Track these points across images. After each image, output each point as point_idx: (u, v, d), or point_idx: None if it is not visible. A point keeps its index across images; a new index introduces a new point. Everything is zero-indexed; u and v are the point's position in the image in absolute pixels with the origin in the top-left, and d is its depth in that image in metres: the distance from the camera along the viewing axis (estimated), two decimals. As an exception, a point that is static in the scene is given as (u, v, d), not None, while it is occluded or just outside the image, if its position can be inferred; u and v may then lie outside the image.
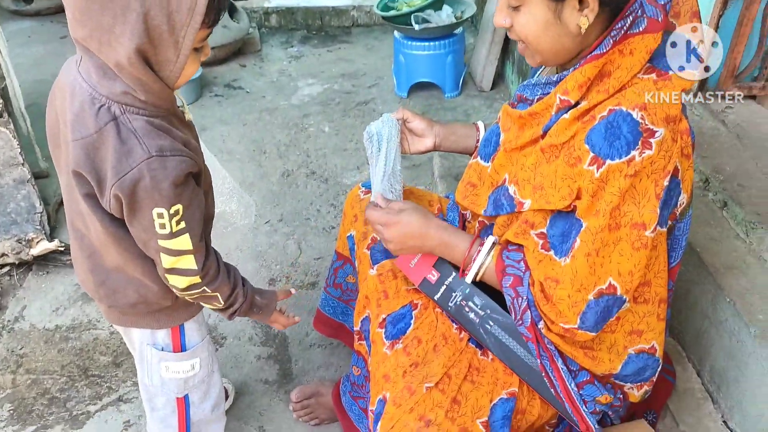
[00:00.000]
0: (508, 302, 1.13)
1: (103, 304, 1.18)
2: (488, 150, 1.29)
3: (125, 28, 0.87)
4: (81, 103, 0.94)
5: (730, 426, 1.38)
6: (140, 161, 0.93)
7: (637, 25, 1.01)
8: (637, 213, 1.00)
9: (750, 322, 1.32)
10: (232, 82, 3.68)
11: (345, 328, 1.75)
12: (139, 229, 1.00)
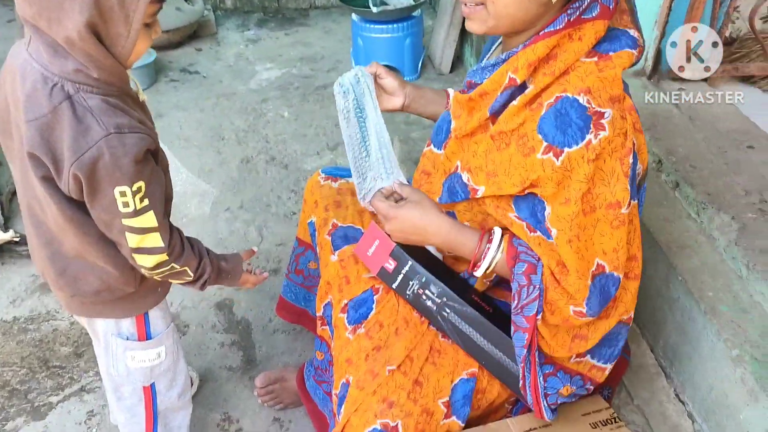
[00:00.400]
0: (514, 289, 1.10)
1: (65, 294, 1.15)
2: (440, 137, 1.28)
3: (74, 4, 0.85)
4: (33, 83, 0.92)
5: (682, 399, 1.43)
6: (99, 139, 0.90)
7: (590, 10, 1.02)
8: (610, 193, 1.01)
9: (700, 299, 1.37)
10: (188, 66, 3.60)
11: (307, 313, 1.75)
12: (101, 209, 0.98)
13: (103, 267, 1.09)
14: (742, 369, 1.22)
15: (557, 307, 1.07)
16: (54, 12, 0.86)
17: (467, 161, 1.16)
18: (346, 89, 1.31)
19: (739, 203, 1.55)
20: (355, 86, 1.31)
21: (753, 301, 1.35)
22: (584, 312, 1.06)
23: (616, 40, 1.05)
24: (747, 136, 1.83)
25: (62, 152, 0.92)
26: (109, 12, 0.88)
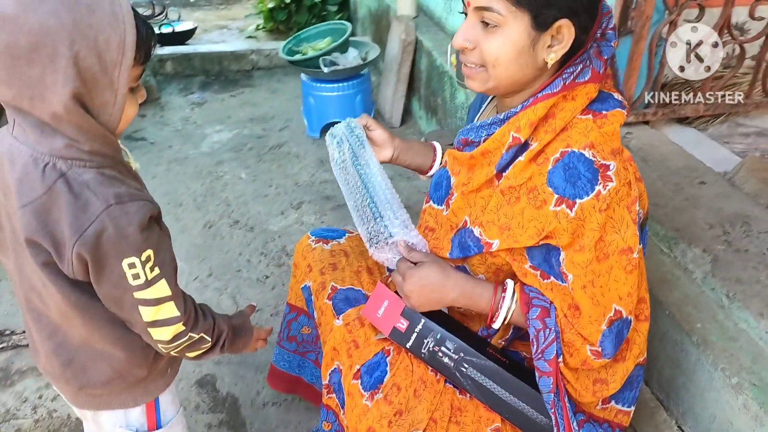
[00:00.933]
0: (532, 335, 1.13)
1: (71, 387, 1.08)
2: (440, 194, 1.32)
3: (56, 77, 0.83)
4: (23, 166, 0.88)
5: (684, 430, 1.49)
6: (99, 212, 0.87)
7: (583, 75, 1.09)
8: (621, 240, 1.07)
9: (690, 331, 1.44)
10: (133, 133, 3.54)
11: (302, 381, 1.72)
12: (109, 286, 0.93)
13: (112, 352, 1.04)
14: (744, 396, 1.28)
15: (575, 348, 1.12)
16: (36, 89, 0.83)
17: (476, 216, 1.20)
18: (340, 140, 1.33)
19: (706, 236, 1.65)
20: (349, 136, 1.33)
21: (738, 328, 1.44)
22: (600, 352, 1.10)
23: (604, 101, 1.13)
24: (697, 173, 1.96)
25: (62, 233, 0.88)
26: (92, 80, 0.85)
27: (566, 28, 1.04)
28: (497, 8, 1.04)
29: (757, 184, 1.88)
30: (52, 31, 0.80)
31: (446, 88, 2.90)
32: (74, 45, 0.82)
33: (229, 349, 1.18)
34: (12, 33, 0.80)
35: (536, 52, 1.07)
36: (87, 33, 0.82)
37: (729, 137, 2.28)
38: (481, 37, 1.09)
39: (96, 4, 0.83)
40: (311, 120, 3.42)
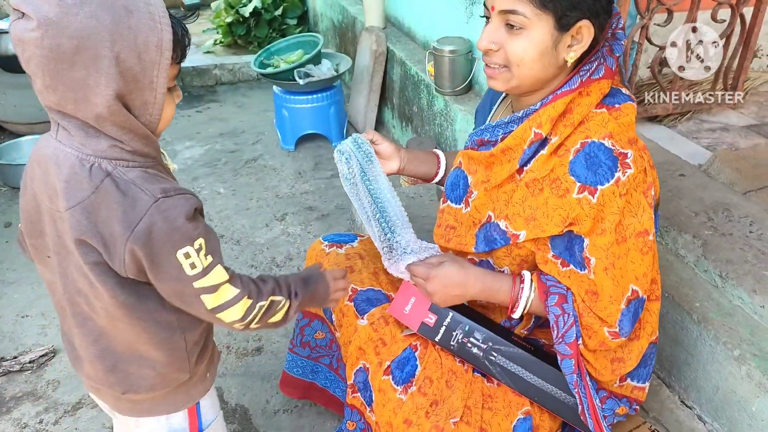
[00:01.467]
0: (552, 321, 1.20)
1: (114, 392, 1.08)
2: (457, 193, 1.38)
3: (99, 78, 0.85)
4: (70, 167, 0.90)
5: (688, 404, 1.58)
6: (148, 206, 0.89)
7: (598, 72, 1.17)
8: (638, 223, 1.15)
9: (691, 310, 1.54)
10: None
11: (316, 386, 1.74)
12: (170, 280, 0.94)
13: (157, 355, 1.05)
14: (747, 366, 1.38)
15: (593, 330, 1.19)
16: (80, 91, 0.85)
17: (500, 210, 1.26)
18: (348, 156, 1.37)
19: (693, 223, 1.77)
20: (357, 152, 1.37)
21: (733, 305, 1.54)
22: (618, 332, 1.18)
23: (615, 95, 1.21)
24: (675, 166, 2.09)
25: (112, 231, 0.89)
26: (133, 80, 0.88)
27: (586, 29, 1.12)
28: (523, 11, 1.10)
29: (731, 173, 2.02)
30: (94, 33, 0.82)
31: (423, 96, 2.98)
32: (115, 46, 0.84)
33: (307, 301, 1.16)
34: (55, 37, 0.81)
35: (558, 51, 1.14)
36: (126, 34, 0.85)
37: (697, 133, 2.43)
38: (505, 39, 1.15)
39: (133, 6, 0.86)
40: (285, 132, 3.44)
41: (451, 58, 2.63)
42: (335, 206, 2.89)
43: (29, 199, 0.98)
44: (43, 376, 2.01)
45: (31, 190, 0.97)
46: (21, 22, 0.83)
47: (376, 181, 1.35)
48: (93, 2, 0.83)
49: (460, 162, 1.40)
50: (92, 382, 1.10)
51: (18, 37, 0.83)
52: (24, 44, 0.83)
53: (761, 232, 1.70)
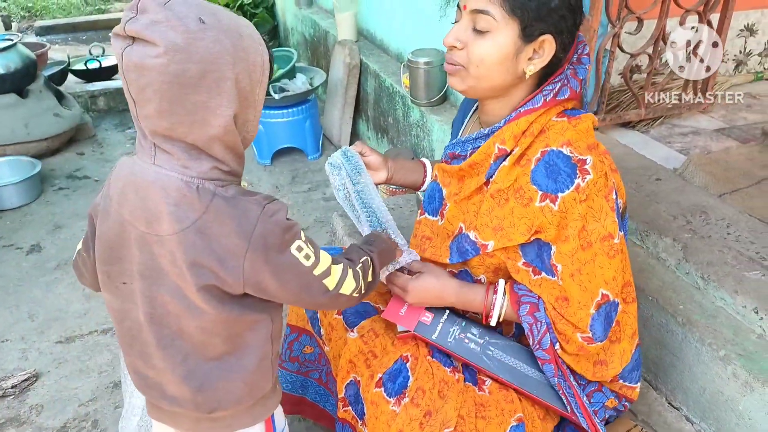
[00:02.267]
0: (526, 329, 1.22)
1: (200, 413, 1.07)
2: (434, 205, 1.40)
3: (221, 99, 0.87)
4: (177, 190, 0.90)
5: (675, 406, 1.60)
6: (259, 214, 0.92)
7: (562, 93, 1.20)
8: (602, 227, 1.17)
9: (675, 312, 1.56)
10: (74, 172, 3.42)
11: (306, 400, 1.72)
12: (294, 279, 0.98)
13: (248, 365, 1.05)
14: (732, 366, 1.41)
15: (567, 336, 1.21)
16: (198, 114, 0.86)
17: (470, 221, 1.28)
18: (338, 166, 1.39)
19: (672, 227, 1.80)
20: (346, 163, 1.40)
21: (716, 307, 1.57)
22: (591, 337, 1.20)
23: (575, 110, 1.25)
24: (651, 171, 2.12)
25: (228, 245, 0.91)
26: (245, 100, 0.91)
27: (548, 44, 1.16)
28: (493, 13, 1.14)
29: (705, 177, 2.06)
30: (219, 57, 0.85)
31: (398, 108, 2.99)
32: (235, 68, 0.87)
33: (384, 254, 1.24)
34: (182, 62, 0.82)
35: (518, 61, 1.17)
36: (243, 56, 0.88)
37: (669, 137, 2.48)
38: (470, 39, 1.18)
39: (242, 29, 0.89)
40: (261, 147, 3.42)
41: (426, 69, 2.65)
42: (314, 219, 2.88)
43: (112, 225, 0.97)
44: (26, 401, 1.96)
45: (117, 216, 0.95)
46: (138, 48, 0.83)
47: (366, 192, 1.38)
48: (214, 27, 0.85)
49: (436, 175, 1.42)
50: (174, 406, 1.08)
51: (136, 63, 0.83)
52: (143, 70, 0.83)
53: (739, 234, 1.74)
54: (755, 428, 1.38)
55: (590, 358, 1.26)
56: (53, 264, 2.63)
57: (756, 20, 3.04)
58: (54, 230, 2.88)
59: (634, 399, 1.35)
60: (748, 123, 2.63)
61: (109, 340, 2.18)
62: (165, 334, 1.01)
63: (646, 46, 2.33)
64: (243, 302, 0.99)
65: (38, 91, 3.46)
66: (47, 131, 3.41)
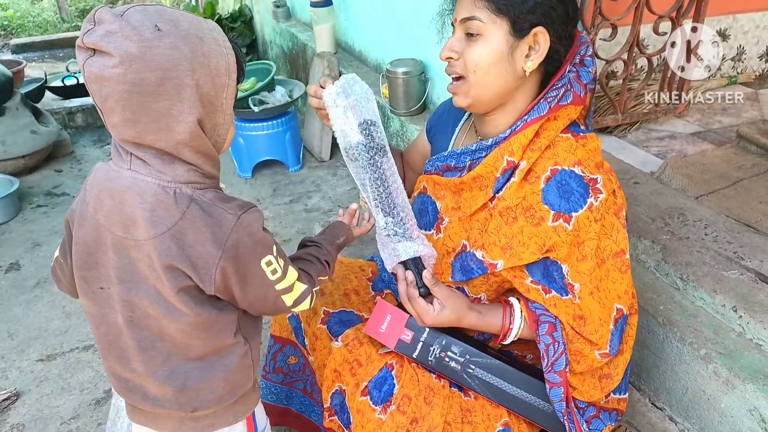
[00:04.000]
0: (542, 350, 1.20)
1: (181, 414, 1.07)
2: (427, 219, 1.39)
3: (183, 106, 0.87)
4: (154, 195, 0.91)
5: (659, 406, 1.61)
6: (233, 224, 0.93)
7: (566, 98, 1.20)
8: (614, 244, 1.18)
9: (655, 313, 1.58)
10: (52, 189, 3.38)
11: (291, 411, 1.70)
12: (254, 289, 0.99)
13: (230, 361, 1.06)
14: (714, 364, 1.42)
15: (583, 355, 1.20)
16: (162, 121, 0.87)
17: (475, 239, 1.27)
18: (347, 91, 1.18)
19: (650, 229, 1.82)
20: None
21: (696, 306, 1.59)
22: (608, 353, 1.20)
23: (576, 126, 1.25)
24: (629, 175, 2.15)
25: (202, 253, 0.92)
26: (210, 105, 0.90)
27: (542, 35, 1.15)
28: (479, 16, 1.14)
29: (682, 179, 2.09)
30: (176, 63, 0.85)
31: (378, 118, 3.00)
32: (195, 73, 0.87)
33: (341, 247, 1.33)
34: (139, 71, 0.83)
35: (514, 59, 1.17)
36: (202, 61, 0.88)
37: (646, 142, 2.52)
38: (464, 47, 1.18)
39: (202, 33, 0.89)
40: (241, 160, 3.41)
41: (405, 79, 2.66)
42: (296, 231, 2.87)
43: (89, 230, 0.98)
44: (6, 420, 1.92)
45: (93, 221, 0.96)
46: (98, 59, 0.83)
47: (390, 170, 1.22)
48: (171, 34, 0.85)
49: (425, 187, 1.41)
50: (156, 407, 1.08)
51: (96, 74, 0.84)
52: (103, 81, 0.84)
53: (716, 235, 1.76)
54: (737, 426, 1.39)
55: (595, 373, 1.26)
56: (32, 282, 2.59)
57: (728, 25, 3.10)
58: (33, 248, 2.84)
59: (623, 410, 1.35)
60: (723, 126, 2.67)
61: (90, 356, 2.15)
62: (145, 337, 1.01)
63: (620, 52, 2.37)
64: (219, 303, 1.00)
65: (15, 108, 3.42)
66: (25, 148, 3.37)
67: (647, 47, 2.65)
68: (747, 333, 1.48)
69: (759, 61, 3.32)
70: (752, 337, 1.47)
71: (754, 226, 1.83)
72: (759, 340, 1.45)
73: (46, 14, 7.74)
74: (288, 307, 1.08)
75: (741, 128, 2.46)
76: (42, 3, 8.28)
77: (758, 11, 3.15)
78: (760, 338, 1.45)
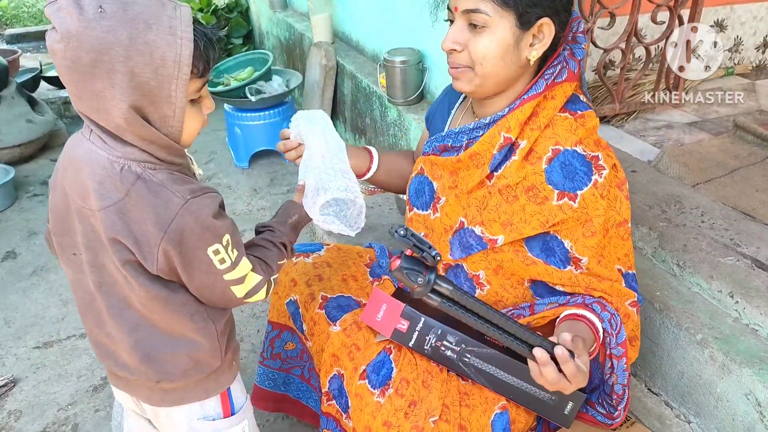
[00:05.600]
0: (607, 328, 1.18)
1: (149, 381, 1.08)
2: (423, 200, 1.39)
3: (114, 91, 0.86)
4: (102, 169, 0.91)
5: (654, 391, 1.62)
6: (179, 208, 0.92)
7: (561, 75, 1.20)
8: (617, 214, 1.21)
9: (652, 299, 1.58)
10: (48, 178, 3.33)
11: (288, 397, 1.71)
12: (201, 275, 0.98)
13: (194, 339, 1.07)
14: (710, 349, 1.43)
15: (626, 313, 1.23)
16: (100, 101, 0.87)
17: (473, 216, 1.27)
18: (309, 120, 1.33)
19: (647, 216, 1.82)
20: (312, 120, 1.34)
21: (692, 292, 1.60)
22: (635, 299, 1.24)
23: (575, 102, 1.25)
24: (626, 163, 2.16)
25: (146, 231, 0.92)
26: (150, 94, 0.89)
27: (547, 26, 1.15)
28: (485, 9, 1.13)
29: (679, 168, 2.10)
30: (109, 48, 0.84)
31: (375, 108, 3.00)
32: (129, 61, 0.85)
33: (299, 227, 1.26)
34: (76, 49, 0.83)
35: (520, 50, 1.17)
36: (142, 49, 0.85)
37: (643, 131, 2.52)
38: (468, 39, 1.17)
39: (154, 21, 0.86)
40: (238, 150, 3.40)
41: (403, 68, 2.66)
42: (294, 220, 2.87)
43: (59, 197, 0.99)
44: (4, 407, 1.92)
45: (62, 188, 0.98)
46: (51, 32, 0.86)
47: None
48: (114, 17, 0.84)
49: (422, 168, 1.41)
50: (126, 373, 1.09)
51: (49, 46, 0.86)
52: (54, 54, 0.86)
53: (713, 222, 1.77)
54: (733, 410, 1.40)
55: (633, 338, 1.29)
56: (29, 270, 2.59)
57: (725, 16, 3.11)
58: (29, 236, 2.84)
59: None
60: (720, 116, 2.68)
61: (87, 344, 2.15)
62: (113, 303, 1.03)
63: (618, 42, 2.37)
64: (169, 285, 1.00)
65: (10, 97, 3.41)
66: (20, 137, 3.36)
67: (645, 36, 2.65)
68: (743, 318, 1.49)
69: (756, 52, 3.33)
70: (748, 322, 1.48)
71: (751, 213, 1.84)
72: (755, 325, 1.46)
73: (41, 5, 7.68)
74: (239, 299, 1.06)
75: (738, 118, 2.47)
76: (37, -7, 8.23)
77: (755, 2, 3.15)
78: (756, 323, 1.46)
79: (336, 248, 1.67)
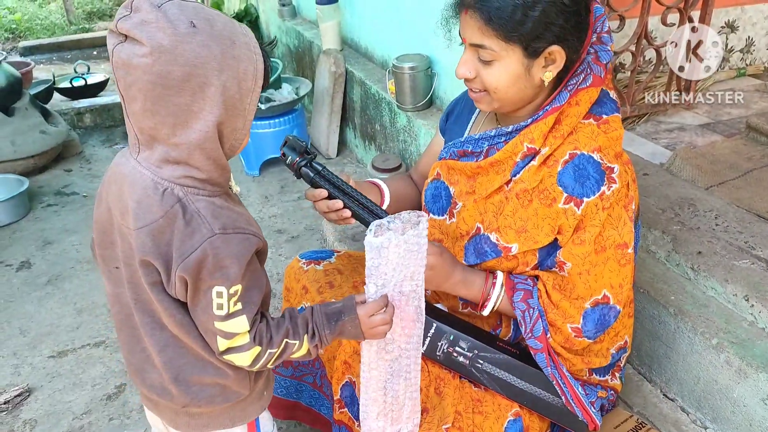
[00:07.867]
0: (519, 317, 1.23)
1: (175, 405, 1.07)
2: (440, 204, 1.39)
3: (204, 105, 0.87)
4: (144, 189, 0.91)
5: (670, 397, 1.60)
6: (203, 240, 0.91)
7: (585, 81, 1.19)
8: (618, 235, 1.18)
9: (667, 303, 1.57)
10: (62, 189, 3.40)
11: (301, 405, 1.70)
12: (200, 311, 0.96)
13: (219, 367, 1.04)
14: (726, 353, 1.41)
15: (557, 327, 1.22)
16: (181, 116, 0.87)
17: (490, 222, 1.27)
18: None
19: (661, 220, 1.81)
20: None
21: (707, 296, 1.58)
22: (580, 329, 1.21)
23: (602, 103, 1.23)
24: (638, 166, 2.14)
25: (171, 255, 0.91)
26: (232, 108, 0.90)
27: (558, 53, 1.14)
28: (490, 45, 1.14)
29: (691, 170, 2.08)
30: (205, 61, 0.85)
31: (385, 114, 3.00)
32: (222, 74, 0.87)
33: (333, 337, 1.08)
34: (167, 63, 0.83)
35: (532, 75, 1.17)
36: (232, 63, 0.88)
37: (655, 134, 2.50)
38: (479, 68, 1.18)
39: (235, 36, 0.89)
40: (249, 159, 3.41)
41: (412, 74, 2.66)
42: (304, 227, 2.87)
43: (103, 211, 1.00)
44: (19, 416, 1.93)
45: (106, 202, 0.99)
46: (128, 46, 0.84)
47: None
48: (204, 32, 0.85)
49: (438, 173, 1.40)
50: (155, 394, 1.08)
51: (124, 61, 0.84)
52: (129, 68, 0.84)
53: (727, 225, 1.75)
54: (750, 415, 1.39)
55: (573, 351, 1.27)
56: (44, 280, 2.61)
57: (736, 17, 3.08)
58: (44, 246, 2.86)
59: (618, 390, 1.40)
60: (732, 118, 2.66)
61: (102, 353, 2.16)
62: (146, 321, 1.02)
63: (629, 44, 2.36)
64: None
65: (24, 108, 3.44)
66: (34, 148, 3.39)
67: (655, 39, 2.64)
68: (759, 322, 1.47)
69: (768, 53, 3.30)
70: (764, 326, 1.46)
71: (765, 216, 1.82)
72: (771, 329, 1.44)
73: (54, 17, 7.78)
74: (219, 351, 0.98)
75: (750, 119, 2.44)
76: (49, 6, 8.33)
77: (767, 2, 3.12)
78: (773, 327, 1.44)
79: (347, 255, 1.67)
